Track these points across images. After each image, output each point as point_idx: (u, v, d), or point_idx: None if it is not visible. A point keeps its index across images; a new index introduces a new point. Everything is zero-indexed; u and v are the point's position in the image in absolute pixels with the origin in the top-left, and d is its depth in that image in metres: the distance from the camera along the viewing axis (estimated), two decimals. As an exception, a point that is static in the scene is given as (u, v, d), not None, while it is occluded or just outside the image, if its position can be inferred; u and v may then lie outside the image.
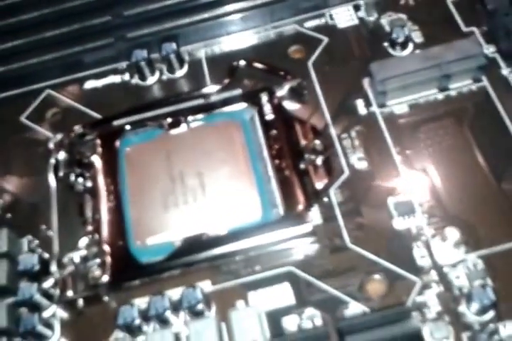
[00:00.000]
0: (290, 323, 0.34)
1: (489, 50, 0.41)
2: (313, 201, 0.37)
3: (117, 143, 0.39)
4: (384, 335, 0.30)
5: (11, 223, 0.39)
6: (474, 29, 0.42)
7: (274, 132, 0.38)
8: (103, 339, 0.34)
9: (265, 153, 0.38)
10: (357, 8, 0.44)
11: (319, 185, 0.37)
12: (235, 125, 0.39)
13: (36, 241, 0.38)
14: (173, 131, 0.39)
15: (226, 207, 0.36)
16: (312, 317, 0.34)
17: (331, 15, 0.44)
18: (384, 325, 0.31)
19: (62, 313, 0.35)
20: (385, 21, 0.43)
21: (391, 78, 0.38)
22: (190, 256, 0.35)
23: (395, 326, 0.31)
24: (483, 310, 0.32)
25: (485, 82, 0.40)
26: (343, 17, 0.44)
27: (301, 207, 0.36)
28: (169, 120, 0.39)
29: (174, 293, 0.35)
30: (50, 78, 0.44)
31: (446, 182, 0.37)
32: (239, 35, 0.44)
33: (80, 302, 0.35)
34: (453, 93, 0.40)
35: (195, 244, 0.35)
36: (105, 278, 0.35)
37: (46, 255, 0.37)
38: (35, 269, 0.35)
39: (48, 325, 0.35)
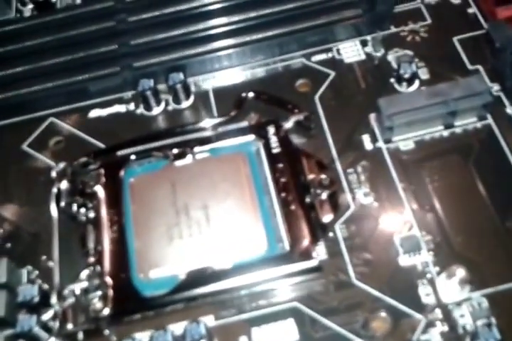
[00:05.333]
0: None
1: (494, 88, 0.42)
2: (319, 236, 0.37)
3: (121, 173, 0.40)
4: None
5: (11, 253, 0.39)
6: (479, 67, 0.43)
7: (280, 165, 0.39)
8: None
9: (271, 186, 0.39)
10: (364, 43, 0.46)
11: (325, 219, 0.38)
12: (240, 157, 0.40)
13: (36, 272, 0.38)
14: (179, 163, 0.40)
15: (231, 241, 0.37)
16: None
17: (338, 50, 0.46)
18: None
19: None
20: (391, 57, 0.45)
21: (399, 114, 0.40)
22: (194, 290, 0.36)
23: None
24: None
25: (490, 120, 0.41)
26: (350, 52, 0.46)
27: (306, 241, 0.37)
28: (174, 151, 0.40)
29: (177, 328, 0.35)
30: (54, 106, 0.45)
31: (452, 220, 0.38)
32: (246, 68, 0.46)
33: (80, 335, 0.36)
34: (458, 130, 0.41)
35: (200, 278, 0.36)
36: (106, 311, 0.35)
37: (46, 286, 0.37)
38: (35, 301, 0.36)
39: None
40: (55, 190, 0.40)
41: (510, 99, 0.42)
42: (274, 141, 0.40)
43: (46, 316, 0.36)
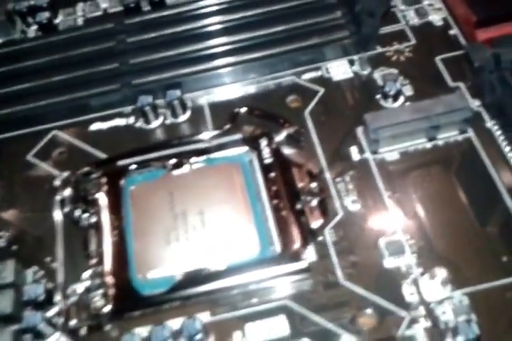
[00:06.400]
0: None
1: (474, 104, 0.47)
2: (309, 240, 0.41)
3: (122, 182, 0.44)
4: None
5: (17, 255, 0.43)
6: (461, 84, 0.48)
7: (272, 175, 0.44)
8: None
9: (264, 194, 0.43)
10: (351, 62, 0.50)
11: (315, 224, 0.42)
12: (235, 167, 0.44)
13: (41, 273, 0.42)
14: (176, 172, 0.45)
15: (225, 244, 0.41)
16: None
17: (327, 69, 0.50)
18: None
19: None
20: (377, 75, 0.49)
21: (383, 127, 0.44)
22: (189, 290, 0.40)
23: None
24: None
25: (470, 134, 0.46)
26: (339, 70, 0.50)
27: (297, 245, 0.41)
28: (172, 161, 0.45)
29: (174, 324, 0.39)
30: (58, 119, 0.49)
31: (434, 225, 0.42)
32: (240, 85, 0.50)
33: (83, 330, 0.39)
34: (440, 143, 0.45)
35: (195, 278, 0.40)
36: (107, 309, 0.39)
37: (50, 285, 0.41)
38: (40, 299, 0.40)
39: None
40: (58, 196, 0.44)
41: (490, 114, 0.46)
42: (266, 152, 0.45)
43: (51, 313, 0.39)
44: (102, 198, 0.44)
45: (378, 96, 0.48)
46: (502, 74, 0.46)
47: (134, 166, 0.45)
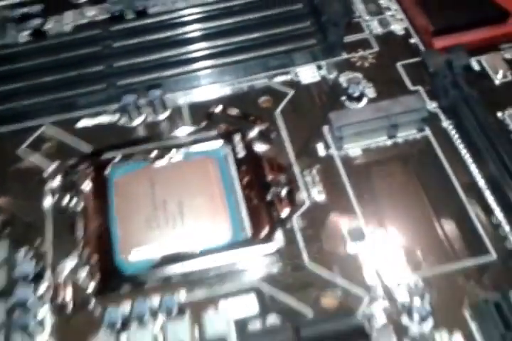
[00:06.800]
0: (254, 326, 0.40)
1: (432, 105, 0.49)
2: (278, 226, 0.44)
3: (107, 173, 0.47)
4: (332, 328, 0.38)
5: (10, 237, 0.45)
6: (419, 88, 0.51)
7: (244, 167, 0.46)
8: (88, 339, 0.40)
9: (237, 184, 0.46)
10: (319, 67, 0.53)
11: (283, 213, 0.44)
12: (210, 160, 0.47)
13: (31, 253, 0.44)
14: (157, 164, 0.47)
15: (201, 229, 0.44)
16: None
17: (296, 73, 0.53)
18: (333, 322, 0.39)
19: (52, 317, 0.41)
20: (343, 79, 0.52)
21: (347, 125, 0.47)
22: (168, 270, 0.42)
23: (341, 321, 0.39)
24: (421, 320, 0.39)
25: (428, 132, 0.48)
26: (307, 74, 0.53)
27: (266, 230, 0.43)
28: (153, 154, 0.47)
29: (154, 301, 0.41)
30: (48, 116, 0.51)
31: (393, 214, 0.44)
32: (217, 86, 0.53)
33: (69, 307, 0.41)
34: (400, 140, 0.48)
35: (173, 260, 0.42)
36: (92, 287, 0.42)
37: (41, 265, 0.43)
38: (31, 276, 0.42)
39: (39, 325, 0.40)
40: (48, 186, 0.47)
41: (445, 115, 0.49)
42: (239, 147, 0.47)
43: (40, 290, 0.42)
44: (88, 187, 0.46)
45: (343, 98, 0.51)
46: (455, 78, 0.48)
47: (118, 158, 0.47)
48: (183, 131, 0.49)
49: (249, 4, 0.56)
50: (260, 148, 0.48)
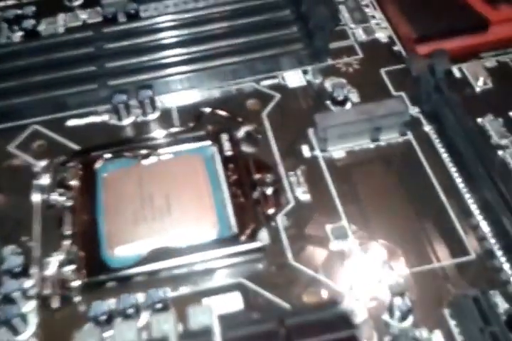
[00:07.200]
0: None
1: (414, 110, 0.50)
2: (263, 225, 0.44)
3: (96, 170, 0.47)
4: (317, 317, 0.38)
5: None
6: (402, 93, 0.51)
7: (231, 166, 0.46)
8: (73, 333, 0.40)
9: (223, 182, 0.46)
10: (305, 72, 0.54)
11: (268, 211, 0.45)
12: (198, 159, 0.47)
13: (19, 250, 0.43)
14: (145, 162, 0.47)
15: (188, 225, 0.43)
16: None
17: (283, 77, 0.53)
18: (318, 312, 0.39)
19: (38, 311, 0.41)
20: (328, 84, 0.52)
21: (331, 127, 0.47)
22: (154, 265, 0.42)
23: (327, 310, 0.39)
24: (402, 318, 0.39)
25: (410, 136, 0.48)
26: (294, 79, 0.53)
27: (251, 227, 0.43)
28: (142, 152, 0.47)
29: (139, 296, 0.41)
30: (39, 115, 0.51)
31: (376, 214, 0.44)
32: (205, 89, 0.53)
33: (55, 301, 0.41)
34: (383, 143, 0.48)
35: (159, 255, 0.42)
36: (79, 281, 0.41)
37: (27, 260, 0.43)
38: (18, 269, 0.42)
39: (24, 320, 0.40)
40: (37, 183, 0.46)
41: (427, 119, 0.49)
42: (227, 146, 0.48)
43: (26, 284, 0.41)
44: (77, 184, 0.46)
45: (328, 101, 0.51)
46: (437, 83, 0.49)
47: (107, 156, 0.47)
48: (171, 131, 0.49)
49: (239, 10, 0.56)
50: (247, 148, 0.48)
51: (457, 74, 0.52)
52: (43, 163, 0.48)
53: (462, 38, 0.53)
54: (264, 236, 0.43)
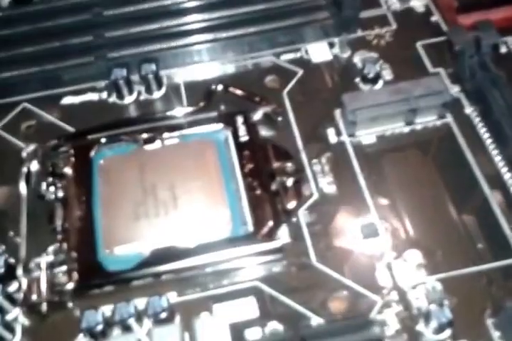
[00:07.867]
0: (252, 335, 0.36)
1: (454, 89, 0.46)
2: (282, 220, 0.40)
3: (91, 156, 0.43)
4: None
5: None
6: (441, 70, 0.47)
7: (247, 153, 0.42)
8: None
9: (238, 172, 0.42)
10: (331, 45, 0.50)
11: (289, 205, 0.41)
12: (208, 144, 0.43)
13: (3, 247, 0.40)
14: (148, 147, 0.43)
15: (196, 221, 0.40)
16: (275, 330, 0.36)
17: (306, 50, 0.50)
18: (346, 333, 0.34)
19: (25, 318, 0.37)
20: (357, 59, 0.49)
21: (361, 109, 0.43)
22: (157, 267, 0.38)
23: (356, 334, 0.34)
24: (440, 329, 0.36)
25: (449, 119, 0.45)
26: (318, 52, 0.49)
27: (270, 224, 0.39)
28: (144, 136, 0.43)
29: (140, 302, 0.37)
30: (28, 92, 0.48)
31: (410, 209, 0.41)
32: (218, 63, 0.49)
33: (44, 307, 0.37)
34: (418, 127, 0.45)
35: (164, 256, 0.38)
36: (71, 285, 0.37)
37: (13, 260, 0.39)
38: (0, 272, 0.38)
39: (9, 328, 0.37)
40: (25, 169, 0.42)
41: (469, 100, 0.46)
42: (242, 130, 0.44)
43: (11, 288, 0.38)
44: (69, 172, 0.42)
45: (357, 79, 0.47)
46: (482, 58, 0.45)
47: (104, 140, 0.43)
48: (179, 112, 0.45)
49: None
50: (265, 132, 0.44)
51: (503, 48, 0.48)
52: (32, 146, 0.44)
53: (509, 7, 0.49)
54: (283, 234, 0.39)
